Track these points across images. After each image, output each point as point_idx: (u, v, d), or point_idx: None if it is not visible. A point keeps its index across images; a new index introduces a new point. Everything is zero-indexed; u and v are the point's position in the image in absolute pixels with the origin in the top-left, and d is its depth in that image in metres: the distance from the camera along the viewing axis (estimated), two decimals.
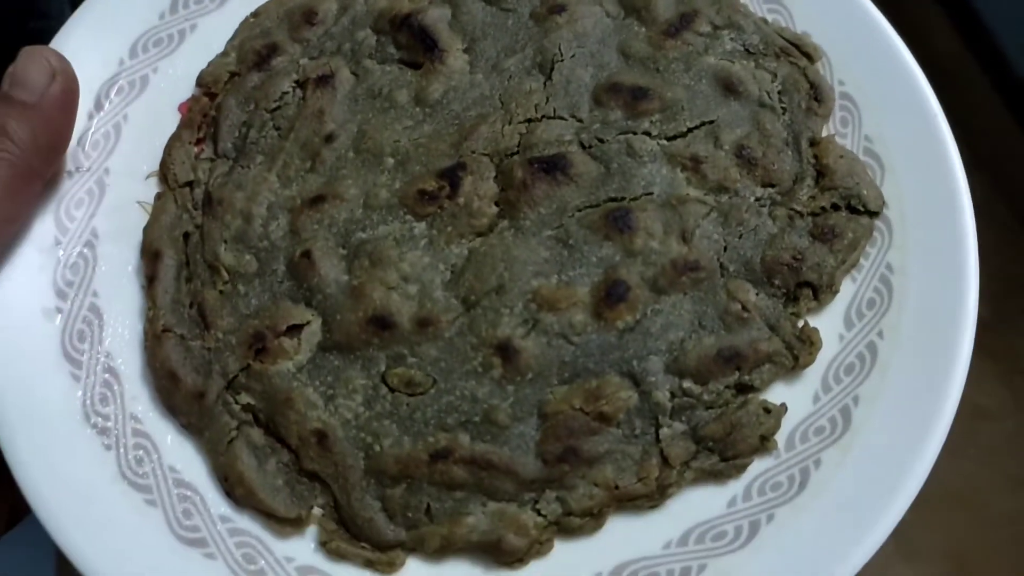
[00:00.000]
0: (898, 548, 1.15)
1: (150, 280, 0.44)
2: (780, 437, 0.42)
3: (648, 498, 0.41)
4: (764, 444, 0.42)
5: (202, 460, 0.41)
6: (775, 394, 0.43)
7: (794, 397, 0.43)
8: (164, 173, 0.47)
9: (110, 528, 0.40)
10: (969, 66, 1.39)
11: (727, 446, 0.41)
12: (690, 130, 0.48)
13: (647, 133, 0.48)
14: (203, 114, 0.49)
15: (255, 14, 0.52)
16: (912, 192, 0.47)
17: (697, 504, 0.41)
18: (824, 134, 0.48)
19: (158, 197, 0.47)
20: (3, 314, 0.42)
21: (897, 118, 0.48)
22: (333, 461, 0.41)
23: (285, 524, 0.41)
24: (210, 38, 0.51)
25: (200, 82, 0.50)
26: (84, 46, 0.48)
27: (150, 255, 0.45)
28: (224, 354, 0.43)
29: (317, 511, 0.42)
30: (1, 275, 0.43)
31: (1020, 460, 1.23)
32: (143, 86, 0.49)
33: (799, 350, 0.43)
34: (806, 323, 0.44)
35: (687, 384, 0.42)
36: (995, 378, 1.26)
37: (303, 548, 0.41)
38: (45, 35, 0.48)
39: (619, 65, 0.50)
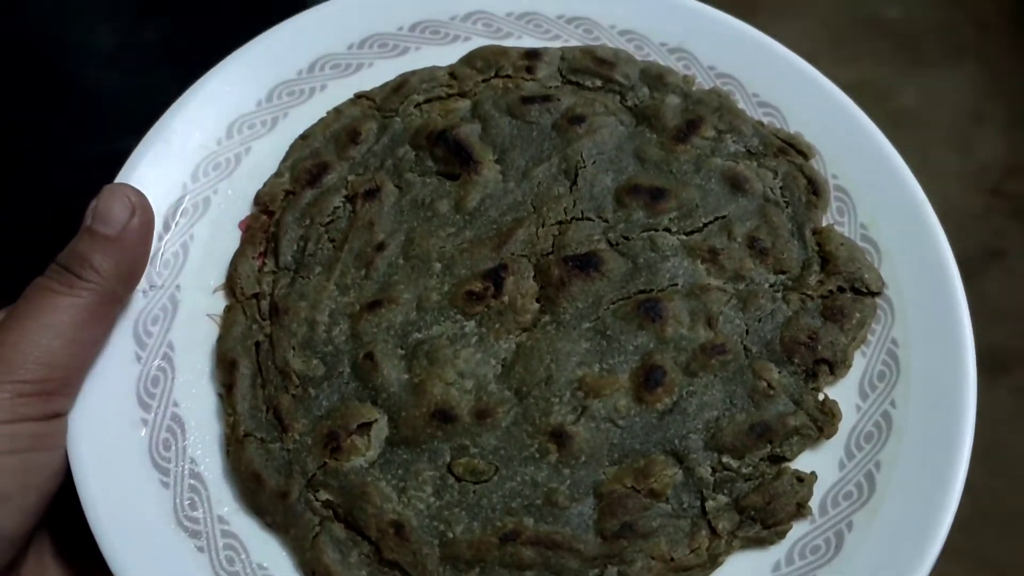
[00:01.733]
0: None
1: (228, 388, 0.48)
2: (813, 503, 0.46)
3: (701, 568, 0.44)
4: (800, 510, 0.46)
5: (288, 556, 0.45)
6: (804, 462, 0.47)
7: (822, 465, 0.47)
8: (231, 287, 0.51)
9: None
10: None
11: (768, 514, 0.45)
12: (705, 225, 0.53)
13: (667, 229, 0.53)
14: (263, 230, 0.53)
15: (304, 136, 0.57)
16: (907, 272, 0.52)
17: (745, 570, 0.45)
18: (824, 223, 0.54)
19: (227, 310, 0.51)
20: (93, 428, 0.45)
21: (888, 206, 0.54)
22: (411, 550, 0.44)
23: None
24: (263, 160, 0.56)
25: (258, 201, 0.55)
26: (150, 174, 0.53)
27: (226, 364, 0.48)
28: (302, 454, 0.46)
29: None
30: (88, 391, 0.46)
31: None
32: (206, 207, 0.54)
33: (823, 422, 0.48)
34: (826, 396, 0.49)
35: (726, 459, 0.46)
36: None
37: None
38: None
39: (636, 169, 0.56)
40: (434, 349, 0.49)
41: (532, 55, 0.60)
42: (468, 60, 0.61)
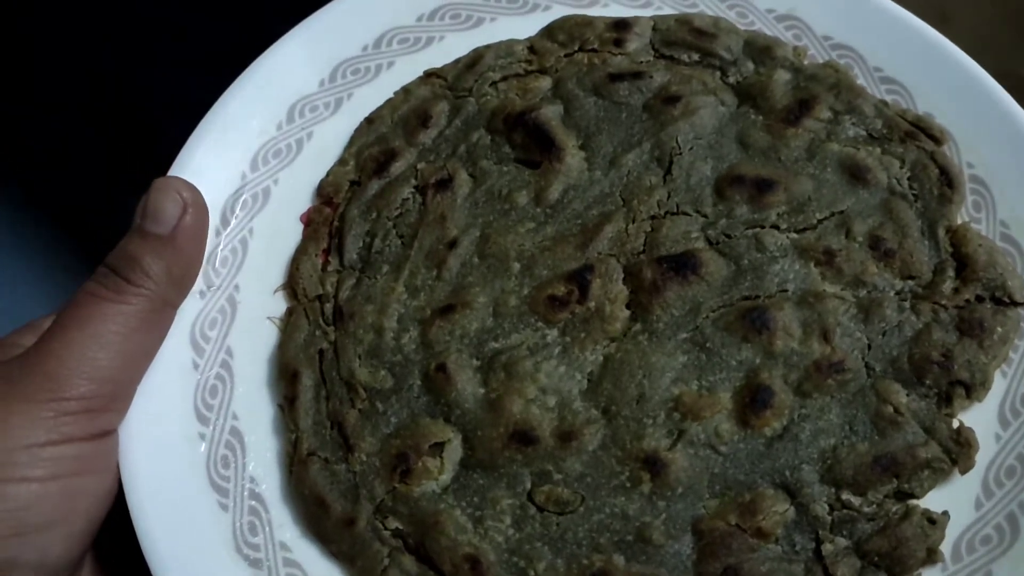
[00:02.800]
0: None
1: (290, 401, 0.44)
2: (945, 547, 0.40)
3: None
4: (931, 557, 0.40)
5: None
6: (935, 500, 0.41)
7: (955, 503, 0.41)
8: (293, 288, 0.47)
9: None
10: None
11: (894, 561, 0.40)
12: (820, 222, 0.47)
13: (776, 226, 0.47)
14: (326, 224, 0.49)
15: (370, 120, 0.52)
16: None
17: None
18: (959, 221, 0.47)
19: (289, 313, 0.47)
20: (147, 445, 0.42)
21: None
22: None
23: None
24: (327, 145, 0.52)
25: (321, 192, 0.50)
26: (207, 163, 0.49)
27: (288, 375, 0.45)
28: (369, 477, 0.42)
29: None
30: (141, 404, 0.43)
31: None
32: (266, 198, 0.50)
33: (957, 454, 0.42)
34: (961, 424, 0.43)
35: (845, 495, 0.41)
36: None
37: None
38: None
39: (739, 156, 0.49)
40: (513, 361, 0.44)
41: (620, 26, 0.54)
42: (549, 32, 0.55)
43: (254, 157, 0.50)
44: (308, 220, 0.50)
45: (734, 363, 0.43)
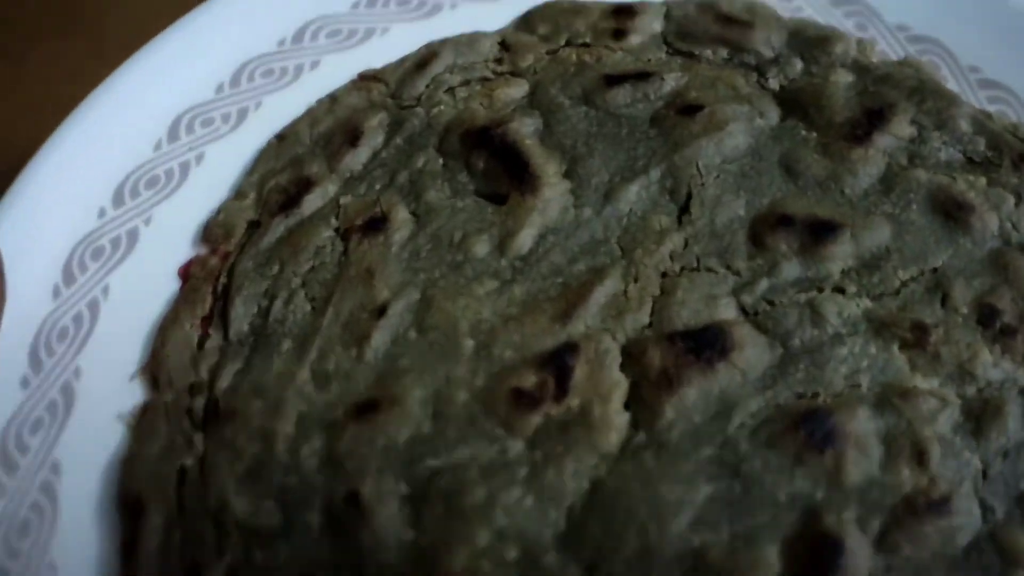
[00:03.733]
0: None
1: (127, 548, 0.30)
2: None
3: None
4: None
5: None
6: None
7: None
8: (154, 374, 0.34)
9: None
10: None
11: None
12: (904, 284, 0.33)
13: (839, 290, 0.33)
14: (210, 281, 0.36)
15: (281, 137, 0.39)
16: None
17: None
18: None
19: (144, 411, 0.33)
20: None
21: None
22: None
23: None
24: (222, 171, 0.39)
25: (207, 236, 0.37)
26: (53, 192, 0.36)
27: (128, 507, 0.31)
28: None
29: None
30: None
31: None
32: (131, 244, 0.36)
33: None
34: None
35: None
36: None
37: None
38: None
39: (785, 188, 0.36)
40: (457, 488, 0.30)
41: (622, 12, 0.41)
42: (526, 22, 0.42)
43: (119, 187, 0.37)
44: (187, 275, 0.36)
45: (783, 498, 0.29)
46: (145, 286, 0.36)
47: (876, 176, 0.35)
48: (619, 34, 0.40)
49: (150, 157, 0.38)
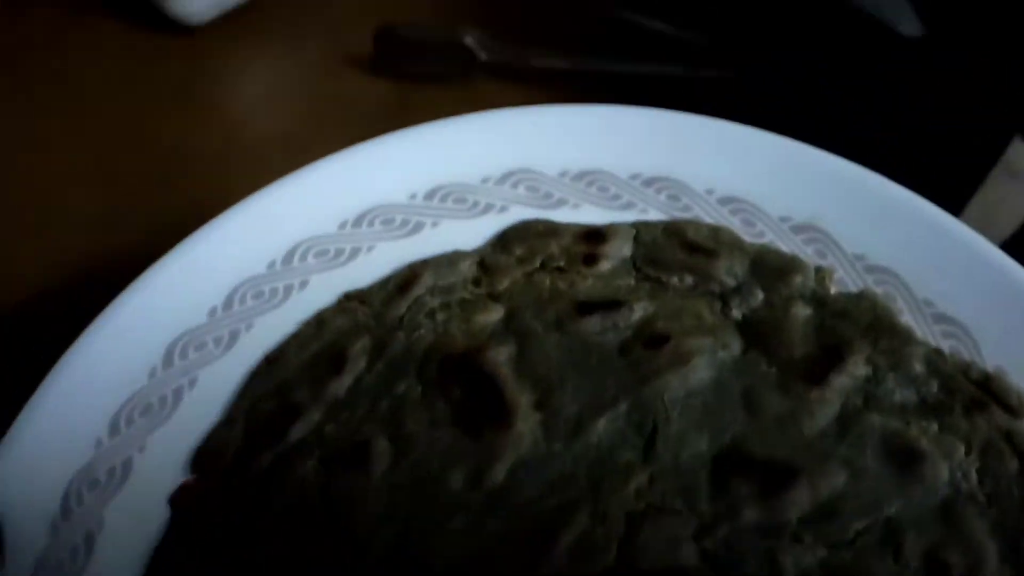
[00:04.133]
0: None
1: None
2: None
3: None
4: None
5: None
6: None
7: None
8: None
9: None
10: None
11: None
12: (859, 533, 0.34)
13: (797, 538, 0.34)
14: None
15: (270, 360, 0.41)
16: None
17: None
18: None
19: None
20: None
21: None
22: None
23: None
24: (214, 395, 0.40)
25: (196, 465, 0.39)
26: (53, 426, 0.37)
27: None
28: None
29: None
30: None
31: None
32: (125, 474, 0.38)
33: None
34: None
35: None
36: None
37: None
38: None
39: (745, 425, 0.37)
40: None
41: (593, 237, 0.43)
42: (503, 242, 0.44)
43: (115, 416, 0.39)
44: (176, 503, 0.38)
45: None
46: (138, 516, 0.37)
47: (832, 416, 0.37)
48: (590, 259, 0.42)
49: (144, 385, 0.40)
